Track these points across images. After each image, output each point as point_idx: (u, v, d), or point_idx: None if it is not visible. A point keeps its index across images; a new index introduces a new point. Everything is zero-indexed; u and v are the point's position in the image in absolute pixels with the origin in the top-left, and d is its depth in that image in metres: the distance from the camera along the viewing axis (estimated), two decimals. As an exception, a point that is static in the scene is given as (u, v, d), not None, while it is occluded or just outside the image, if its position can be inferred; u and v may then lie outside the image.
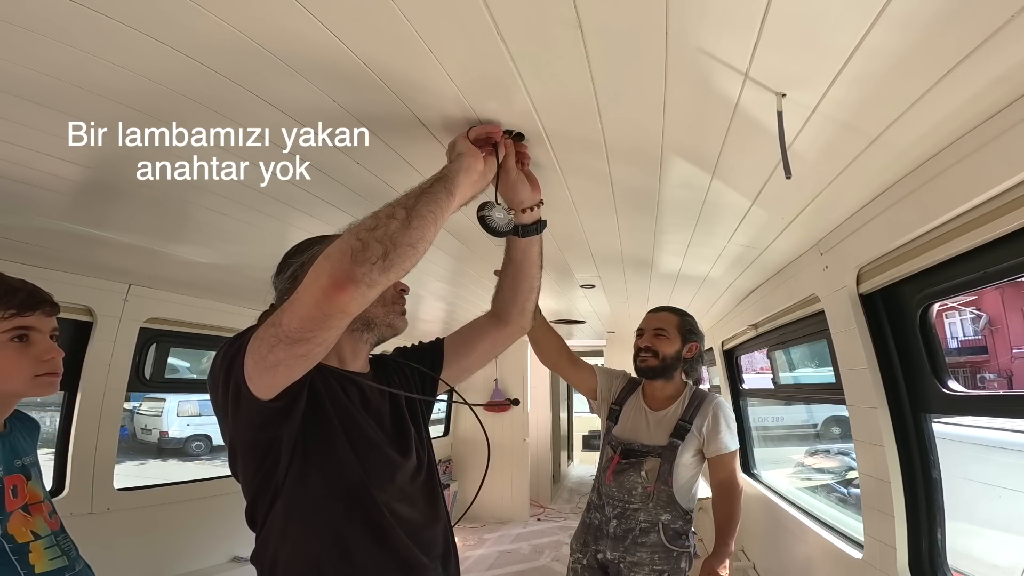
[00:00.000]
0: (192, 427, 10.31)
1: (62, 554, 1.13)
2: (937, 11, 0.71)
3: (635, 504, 1.94)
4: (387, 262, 0.78)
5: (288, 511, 0.95)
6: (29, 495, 1.13)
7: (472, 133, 1.04)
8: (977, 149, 1.01)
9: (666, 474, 1.93)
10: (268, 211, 1.53)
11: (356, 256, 0.77)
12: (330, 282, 0.76)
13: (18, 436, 1.19)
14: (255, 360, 0.83)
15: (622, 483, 1.98)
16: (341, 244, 0.78)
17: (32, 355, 1.12)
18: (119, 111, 0.98)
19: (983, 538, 3.19)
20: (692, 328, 2.10)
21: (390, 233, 0.79)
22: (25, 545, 1.06)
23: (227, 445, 0.99)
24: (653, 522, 1.92)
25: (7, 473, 1.10)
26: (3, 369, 1.09)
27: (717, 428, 1.96)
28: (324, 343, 0.83)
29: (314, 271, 0.78)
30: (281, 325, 0.80)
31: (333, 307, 0.78)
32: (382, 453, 1.03)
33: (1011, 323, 10.65)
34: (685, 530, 1.95)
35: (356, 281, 0.76)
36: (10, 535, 1.05)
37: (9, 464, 1.12)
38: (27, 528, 1.09)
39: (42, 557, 1.08)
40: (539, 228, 1.22)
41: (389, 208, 0.83)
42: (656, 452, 1.96)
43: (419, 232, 0.82)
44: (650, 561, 1.88)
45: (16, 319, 1.10)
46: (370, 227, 0.80)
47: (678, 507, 1.94)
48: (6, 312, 1.09)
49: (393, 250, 0.79)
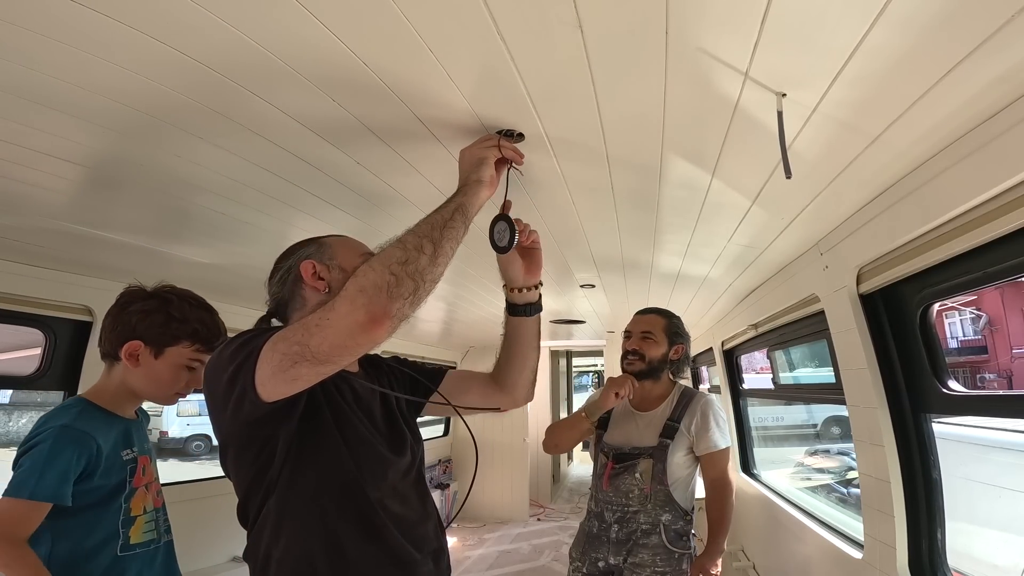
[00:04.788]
0: (192, 427, 10.33)
1: (155, 528, 1.28)
2: (937, 11, 0.71)
3: (634, 507, 1.95)
4: (416, 297, 0.83)
5: (281, 508, 0.95)
6: (150, 475, 1.31)
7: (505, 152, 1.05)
8: (977, 149, 1.01)
9: (660, 474, 1.94)
10: (268, 211, 1.53)
11: (391, 292, 0.80)
12: (367, 318, 0.79)
13: (143, 423, 1.38)
14: (272, 370, 0.84)
15: (618, 487, 1.99)
16: (376, 278, 0.81)
17: (186, 380, 1.31)
18: (120, 111, 0.98)
19: (983, 538, 3.20)
20: (679, 330, 2.12)
21: (420, 269, 0.83)
22: (134, 518, 1.23)
23: (219, 441, 0.99)
24: (654, 523, 1.92)
25: (142, 453, 1.29)
26: (164, 381, 1.28)
27: (706, 426, 1.97)
28: (348, 363, 0.86)
29: (350, 302, 0.80)
30: (309, 346, 0.81)
31: (369, 340, 0.81)
32: (375, 450, 1.04)
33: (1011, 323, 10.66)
34: (686, 531, 1.95)
35: (391, 316, 0.81)
36: (129, 508, 1.22)
37: (142, 446, 1.31)
38: (142, 503, 1.25)
39: (139, 529, 1.24)
40: (529, 311, 1.22)
41: (416, 239, 0.86)
42: (648, 453, 1.98)
43: (442, 268, 0.87)
44: (652, 563, 1.88)
45: (202, 354, 1.30)
46: (401, 261, 0.83)
47: (677, 506, 1.94)
48: (202, 346, 1.30)
49: (422, 285, 0.83)
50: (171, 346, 1.27)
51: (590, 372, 15.69)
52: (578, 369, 13.02)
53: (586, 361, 12.46)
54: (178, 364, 1.28)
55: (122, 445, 1.24)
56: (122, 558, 1.18)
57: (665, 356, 2.08)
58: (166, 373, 1.27)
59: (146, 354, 1.25)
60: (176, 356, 1.27)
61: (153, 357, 1.26)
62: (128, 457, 1.24)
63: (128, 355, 1.24)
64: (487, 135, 1.08)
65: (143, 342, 1.24)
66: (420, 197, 1.46)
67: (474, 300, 3.10)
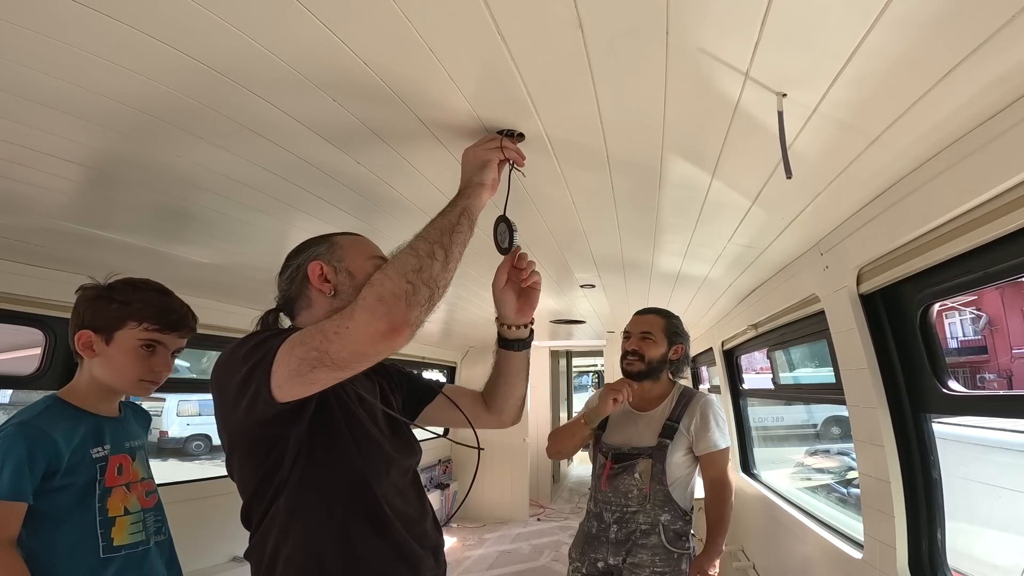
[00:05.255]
0: (192, 427, 10.33)
1: (143, 530, 1.25)
2: (937, 12, 0.71)
3: (633, 507, 1.95)
4: (431, 303, 0.85)
5: (291, 506, 0.96)
6: (132, 474, 1.27)
7: (508, 153, 1.05)
8: (977, 149, 1.01)
9: (660, 474, 1.94)
10: (268, 211, 1.53)
11: (410, 300, 0.82)
12: (388, 327, 0.81)
13: (131, 421, 1.36)
14: (289, 373, 0.85)
15: (617, 487, 1.99)
16: (393, 287, 0.82)
17: (148, 364, 1.28)
18: (120, 111, 0.98)
19: (983, 538, 3.19)
20: (678, 330, 2.12)
21: (434, 275, 0.85)
22: (113, 519, 1.19)
23: (226, 441, 0.99)
24: (653, 523, 1.92)
25: (114, 453, 1.25)
26: (122, 367, 1.26)
27: (706, 426, 1.97)
28: (366, 368, 0.87)
29: (370, 312, 0.82)
30: (329, 353, 0.82)
31: (389, 348, 0.83)
32: (379, 448, 1.06)
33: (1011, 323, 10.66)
34: (685, 531, 1.95)
35: (410, 324, 0.83)
36: (106, 508, 1.19)
37: (119, 445, 1.27)
38: (122, 504, 1.22)
39: (124, 531, 1.21)
40: (518, 347, 1.24)
41: (427, 246, 0.88)
42: (647, 453, 1.97)
43: (453, 272, 0.90)
44: (651, 563, 1.88)
45: (155, 333, 1.28)
46: (416, 268, 0.84)
47: (676, 507, 1.94)
48: (151, 325, 1.27)
49: (436, 291, 0.86)
50: (119, 330, 1.25)
51: (590, 372, 15.69)
52: (578, 369, 13.03)
53: (586, 361, 12.46)
54: (130, 347, 1.25)
55: (91, 443, 1.20)
56: (107, 560, 1.16)
57: (664, 356, 2.07)
58: (120, 358, 1.25)
59: (99, 343, 1.24)
60: (126, 339, 1.25)
61: (106, 344, 1.24)
62: (98, 455, 1.21)
63: (83, 347, 1.24)
64: (489, 136, 1.08)
65: (93, 331, 1.24)
66: (420, 197, 1.46)
67: (474, 300, 3.10)
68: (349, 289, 1.05)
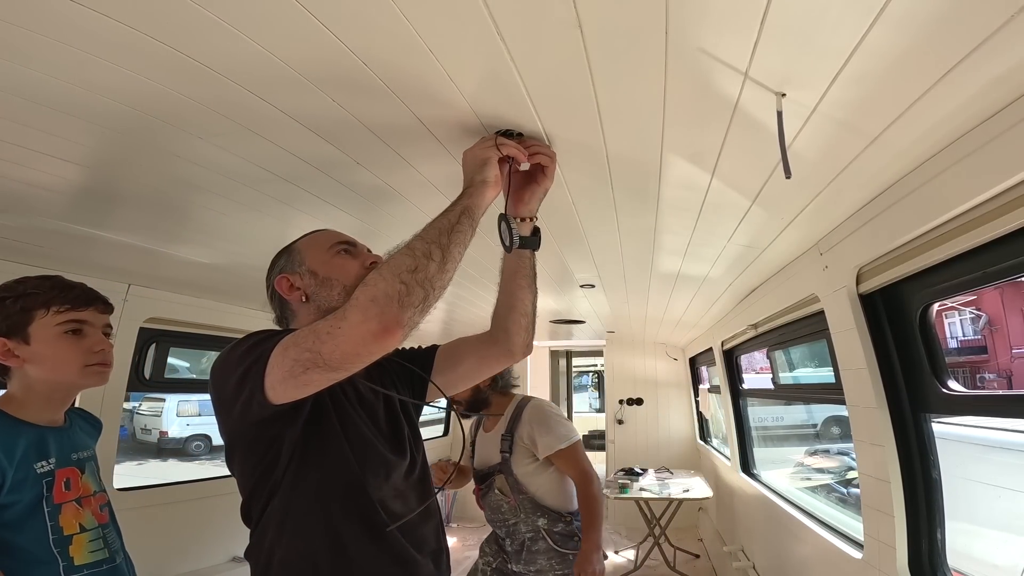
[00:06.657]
0: (192, 427, 10.32)
1: (104, 547, 1.18)
2: (936, 11, 0.71)
3: (511, 519, 2.05)
4: (426, 304, 0.83)
5: (286, 508, 0.96)
6: (82, 488, 1.18)
7: (504, 149, 1.02)
8: (977, 149, 1.01)
9: (515, 484, 2.02)
10: (268, 211, 1.53)
11: (402, 301, 0.80)
12: (380, 327, 0.79)
13: (77, 431, 1.27)
14: (283, 375, 0.84)
15: (490, 504, 2.10)
16: (386, 287, 0.81)
17: (84, 347, 1.20)
18: (120, 111, 0.98)
19: (983, 538, 3.19)
20: None
21: (429, 276, 0.83)
22: (69, 537, 1.12)
23: (226, 441, 1.00)
24: (535, 529, 2.00)
25: (60, 466, 1.15)
26: (57, 359, 1.17)
27: (540, 430, 2.03)
28: (359, 369, 0.86)
29: (362, 312, 0.80)
30: (321, 354, 0.81)
31: (381, 349, 0.81)
32: (377, 451, 1.05)
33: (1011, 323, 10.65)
34: (570, 531, 2.00)
35: (403, 325, 0.81)
36: (59, 527, 1.11)
37: (65, 457, 1.18)
38: (76, 520, 1.14)
39: (83, 549, 1.13)
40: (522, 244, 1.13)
41: (424, 245, 0.86)
42: (497, 469, 2.07)
43: (450, 273, 0.87)
44: (549, 567, 1.95)
45: (71, 313, 1.19)
46: (410, 268, 0.82)
47: (549, 510, 2.01)
48: (62, 307, 1.18)
49: (431, 292, 0.83)
50: (30, 324, 1.15)
51: (590, 372, 15.67)
52: (578, 369, 13.01)
53: (586, 361, 12.46)
54: (53, 336, 1.16)
55: (34, 457, 1.11)
56: None
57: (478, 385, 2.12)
58: (50, 352, 1.16)
59: (18, 346, 1.15)
60: (44, 330, 1.16)
61: (26, 345, 1.15)
62: (43, 470, 1.11)
63: (3, 356, 1.15)
64: (486, 136, 1.08)
65: (5, 337, 1.14)
66: (420, 196, 1.46)
67: (474, 300, 3.09)
68: (317, 288, 1.05)
